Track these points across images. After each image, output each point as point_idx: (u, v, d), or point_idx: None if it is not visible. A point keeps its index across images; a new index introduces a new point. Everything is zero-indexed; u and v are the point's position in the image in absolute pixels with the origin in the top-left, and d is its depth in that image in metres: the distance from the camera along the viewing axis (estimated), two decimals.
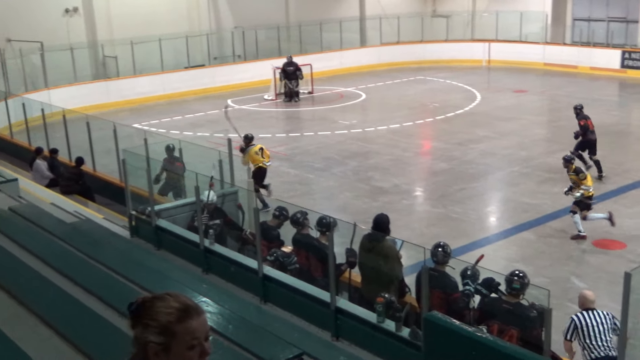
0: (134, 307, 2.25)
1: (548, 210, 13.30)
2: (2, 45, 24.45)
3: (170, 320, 2.20)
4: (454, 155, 17.43)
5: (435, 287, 7.21)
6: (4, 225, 8.80)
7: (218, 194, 10.23)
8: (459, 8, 35.50)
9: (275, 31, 31.26)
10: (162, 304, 2.23)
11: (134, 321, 2.25)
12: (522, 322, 6.58)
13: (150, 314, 2.22)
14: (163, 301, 2.24)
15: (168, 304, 2.23)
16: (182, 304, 2.25)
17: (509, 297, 6.74)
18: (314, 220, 8.80)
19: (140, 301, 2.26)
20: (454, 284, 7.36)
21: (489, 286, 7.15)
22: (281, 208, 9.48)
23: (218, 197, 10.13)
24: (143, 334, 2.22)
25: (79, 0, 26.92)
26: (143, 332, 2.22)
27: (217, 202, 10.07)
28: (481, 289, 7.21)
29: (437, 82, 28.78)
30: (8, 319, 5.74)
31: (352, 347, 7.06)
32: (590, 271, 10.92)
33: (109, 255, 8.38)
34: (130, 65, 26.91)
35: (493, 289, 7.09)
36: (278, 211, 9.42)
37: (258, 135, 19.63)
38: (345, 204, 14.22)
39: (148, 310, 2.23)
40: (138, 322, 2.24)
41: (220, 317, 6.46)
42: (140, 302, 2.25)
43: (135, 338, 2.25)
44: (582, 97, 24.26)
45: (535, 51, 31.21)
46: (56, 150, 16.04)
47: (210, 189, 10.02)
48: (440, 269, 7.46)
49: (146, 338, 2.21)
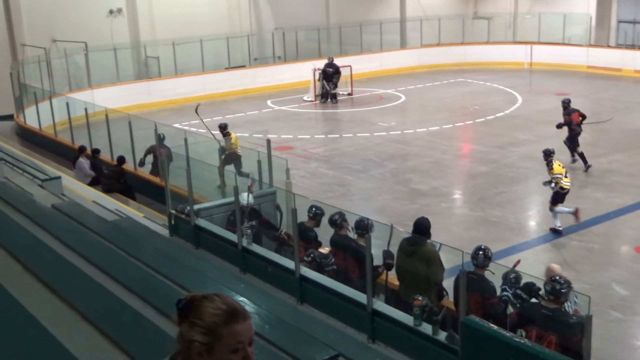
0: (182, 304, 2.25)
1: (590, 215, 13.09)
2: (47, 45, 24.87)
3: (217, 322, 2.20)
4: (493, 158, 17.27)
5: (473, 290, 7.16)
6: (47, 223, 8.93)
7: (256, 195, 10.28)
8: (501, 9, 35.16)
9: (315, 32, 31.32)
10: (210, 305, 2.24)
11: (180, 318, 2.25)
12: (561, 328, 6.48)
13: (198, 313, 2.22)
14: (211, 302, 2.24)
15: (216, 305, 2.23)
16: (229, 306, 2.25)
17: (549, 302, 6.65)
18: (351, 222, 8.78)
19: (189, 299, 2.26)
20: (492, 288, 7.30)
21: (529, 291, 7.08)
22: (317, 208, 9.44)
23: (256, 198, 10.16)
24: (189, 332, 2.22)
25: (122, 1, 27.32)
26: (189, 330, 2.22)
27: (255, 204, 10.11)
28: (521, 294, 7.14)
29: (478, 85, 28.54)
30: (50, 315, 5.82)
31: (388, 350, 7.04)
32: (632, 278, 10.71)
33: (148, 253, 8.47)
34: (172, 66, 27.19)
35: (533, 294, 7.00)
36: (314, 211, 9.39)
37: (297, 136, 19.74)
38: (383, 206, 14.18)
39: (196, 309, 2.23)
40: (184, 320, 2.24)
41: (257, 317, 6.48)
42: (189, 300, 2.25)
43: (180, 335, 2.25)
44: (626, 101, 23.92)
45: (579, 54, 30.75)
46: (98, 151, 16.30)
47: (250, 191, 10.08)
48: (479, 272, 7.41)
49: (192, 337, 2.21)
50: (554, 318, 6.52)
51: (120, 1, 27.26)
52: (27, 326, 5.44)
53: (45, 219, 9.09)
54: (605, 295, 9.81)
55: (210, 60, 27.90)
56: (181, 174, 11.04)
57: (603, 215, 12.98)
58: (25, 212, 9.27)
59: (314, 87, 26.07)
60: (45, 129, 20.69)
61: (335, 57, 26.49)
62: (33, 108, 21.48)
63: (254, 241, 9.40)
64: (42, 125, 20.81)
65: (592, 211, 13.28)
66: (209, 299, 2.25)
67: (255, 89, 28.29)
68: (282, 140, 19.42)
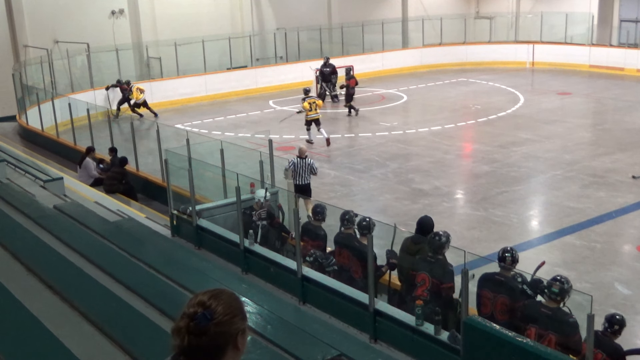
0: (200, 318, 2.27)
1: (592, 214, 13.08)
2: (49, 46, 24.91)
3: (239, 306, 2.36)
4: (495, 157, 17.26)
5: (500, 292, 7.13)
6: (49, 223, 8.95)
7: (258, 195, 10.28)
8: (503, 9, 35.14)
9: (317, 32, 31.32)
10: (225, 296, 2.34)
11: (203, 329, 2.27)
12: (561, 328, 6.48)
13: (223, 309, 2.30)
14: (222, 294, 2.35)
15: (226, 295, 2.34)
16: (227, 292, 2.38)
17: (550, 302, 6.64)
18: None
19: (201, 311, 2.28)
20: (521, 290, 7.19)
21: (535, 288, 7.06)
22: (322, 207, 9.46)
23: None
24: (231, 327, 2.30)
25: (124, 2, 27.34)
26: (230, 326, 2.30)
27: (271, 202, 10.12)
28: (526, 289, 7.13)
29: (480, 84, 28.52)
30: (52, 316, 5.84)
31: (390, 350, 7.04)
32: (634, 277, 10.70)
33: (150, 253, 8.49)
34: (174, 66, 27.21)
35: (539, 291, 6.98)
36: (318, 211, 9.37)
37: (299, 136, 19.74)
38: (385, 205, 14.18)
39: (214, 310, 2.29)
40: (208, 328, 2.27)
41: (259, 317, 6.49)
42: (202, 313, 2.27)
43: (212, 337, 2.27)
44: (628, 100, 23.91)
45: (581, 53, 30.72)
46: (115, 149, 16.20)
47: (266, 190, 10.09)
48: (506, 274, 7.31)
49: (238, 328, 2.32)
50: (553, 317, 6.52)
51: (122, 2, 27.29)
52: (29, 327, 5.45)
53: (47, 220, 9.11)
54: (608, 295, 9.80)
55: (213, 60, 27.92)
56: (183, 174, 11.05)
57: (605, 214, 12.96)
58: (27, 213, 9.29)
59: (316, 87, 26.07)
60: (48, 130, 20.72)
61: (337, 57, 26.49)
62: (35, 109, 21.51)
63: (262, 242, 9.41)
64: (44, 126, 20.85)
65: (594, 210, 13.27)
66: (214, 297, 2.33)
67: (257, 89, 28.31)
68: (283, 140, 19.43)
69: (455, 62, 32.98)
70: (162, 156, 13.33)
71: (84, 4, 26.09)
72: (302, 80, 27.59)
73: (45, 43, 24.67)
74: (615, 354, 6.57)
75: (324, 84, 25.50)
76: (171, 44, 26.74)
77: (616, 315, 6.80)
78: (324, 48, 30.93)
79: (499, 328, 5.54)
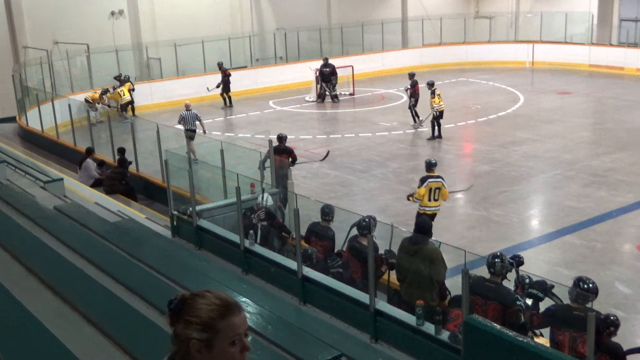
0: (174, 305, 2.25)
1: (592, 213, 13.08)
2: (49, 47, 24.92)
3: (213, 317, 2.21)
4: (496, 157, 17.25)
5: (492, 299, 6.99)
6: (49, 224, 8.94)
7: (257, 195, 10.28)
8: (503, 9, 35.14)
9: (317, 33, 31.32)
10: (204, 301, 2.24)
11: (173, 318, 2.25)
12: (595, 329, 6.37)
13: (192, 311, 2.23)
14: (204, 298, 2.25)
15: (210, 301, 2.24)
16: (223, 300, 2.26)
17: (574, 303, 6.54)
18: (351, 220, 8.78)
19: (180, 298, 2.26)
20: (512, 296, 7.05)
21: (542, 289, 7.00)
22: (331, 208, 9.46)
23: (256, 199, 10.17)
24: (185, 330, 2.22)
25: (124, 3, 27.35)
26: (185, 329, 2.22)
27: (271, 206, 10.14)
28: (534, 292, 7.06)
29: (480, 84, 28.52)
30: (53, 317, 5.83)
31: (391, 350, 7.03)
32: (635, 276, 10.69)
33: (150, 254, 8.47)
34: (174, 67, 27.22)
35: (548, 292, 6.93)
36: (327, 211, 9.39)
37: (299, 137, 19.74)
38: (385, 205, 14.17)
39: (189, 307, 2.23)
40: (178, 319, 2.24)
41: (260, 318, 6.48)
42: (180, 299, 2.26)
43: (175, 335, 2.25)
44: (628, 99, 23.91)
45: (581, 52, 30.73)
46: (124, 150, 16.15)
47: (268, 195, 10.12)
48: (496, 280, 7.19)
49: (189, 335, 2.21)
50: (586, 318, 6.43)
51: (121, 3, 27.30)
52: (29, 327, 5.45)
53: (47, 221, 9.10)
54: (608, 294, 9.78)
55: (212, 61, 27.92)
56: (183, 174, 11.05)
57: (605, 213, 12.96)
58: (27, 214, 9.28)
59: (315, 87, 26.08)
60: (47, 131, 20.72)
61: (336, 57, 26.48)
62: (35, 110, 21.52)
63: (262, 242, 9.41)
64: (44, 127, 20.85)
65: (594, 210, 13.27)
66: (200, 296, 2.26)
67: (257, 90, 28.30)
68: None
69: (455, 62, 32.98)
70: (162, 157, 13.32)
71: (83, 5, 26.07)
72: (302, 80, 27.64)
73: (45, 44, 24.68)
74: (615, 353, 6.53)
75: (323, 84, 25.50)
76: (171, 44, 26.75)
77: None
78: (324, 48, 30.94)
79: (499, 328, 5.53)
